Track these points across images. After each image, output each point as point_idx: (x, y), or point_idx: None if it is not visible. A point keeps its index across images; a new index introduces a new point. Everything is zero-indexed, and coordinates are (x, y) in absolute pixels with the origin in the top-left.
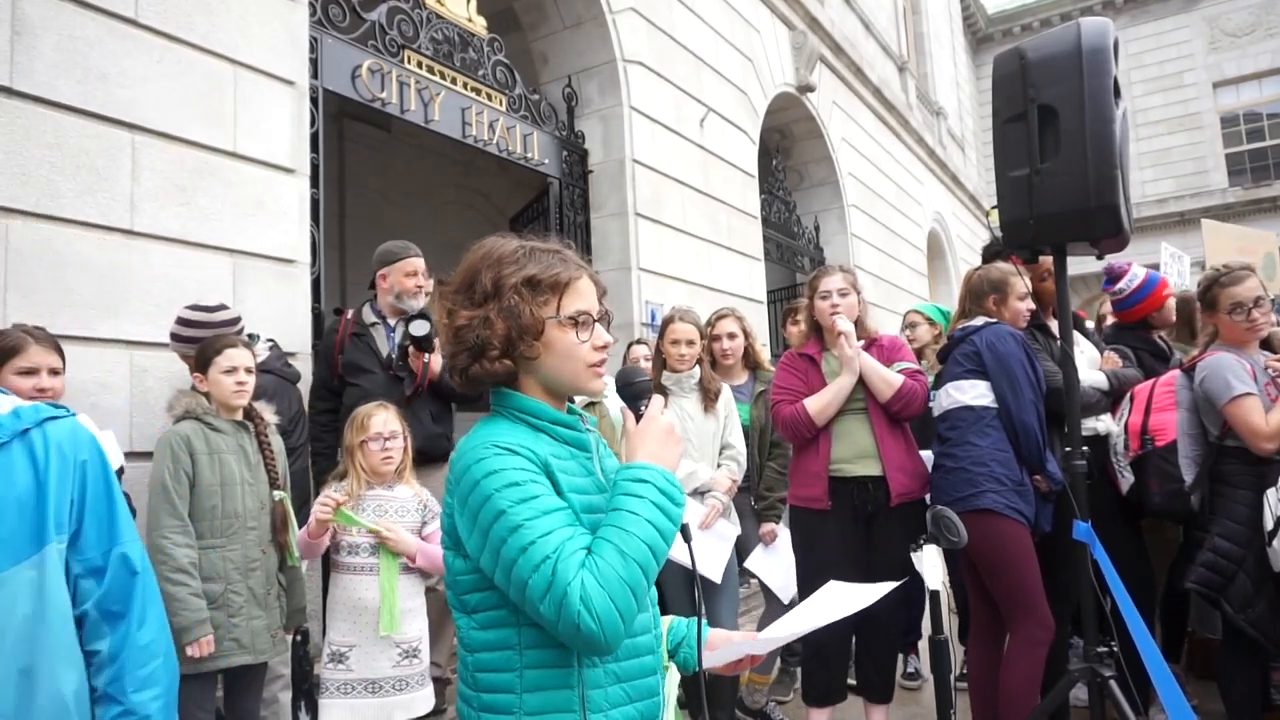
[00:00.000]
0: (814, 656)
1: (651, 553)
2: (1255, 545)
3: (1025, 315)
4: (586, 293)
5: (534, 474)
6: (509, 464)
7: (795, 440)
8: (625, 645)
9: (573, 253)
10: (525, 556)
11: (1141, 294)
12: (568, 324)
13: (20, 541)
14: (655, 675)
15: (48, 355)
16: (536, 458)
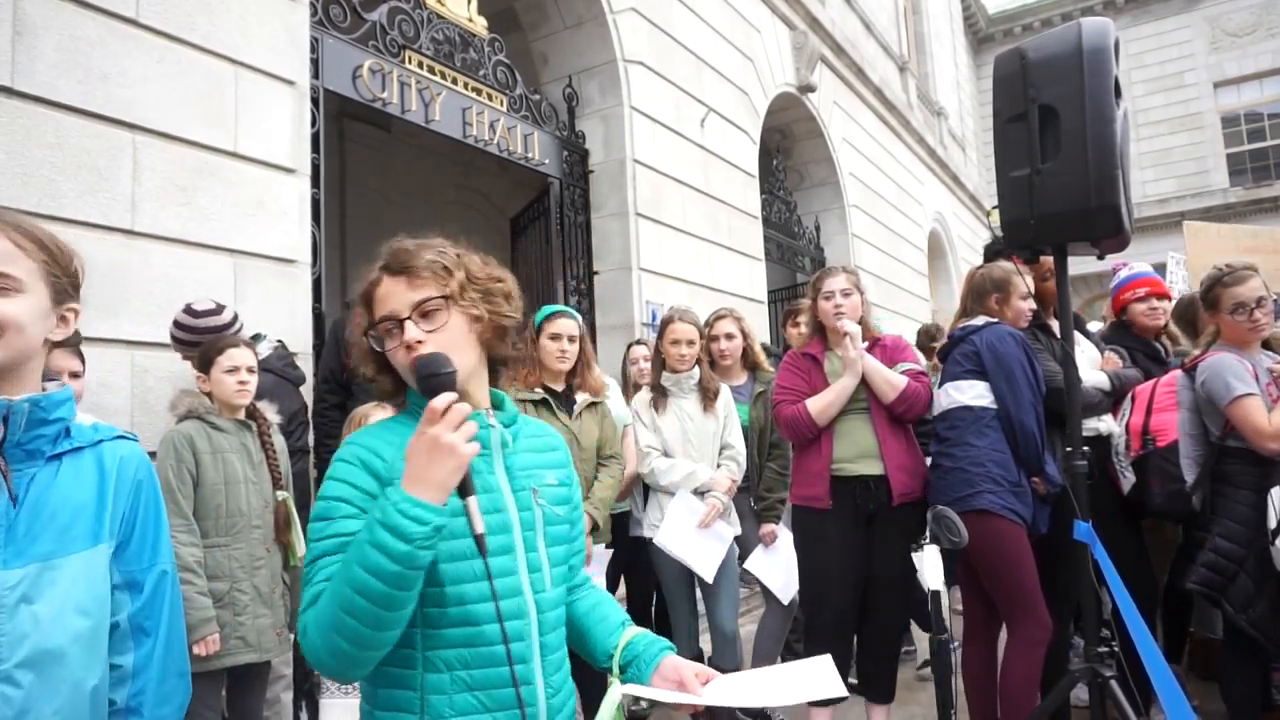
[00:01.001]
0: (815, 656)
1: (361, 595)
2: (1256, 545)
3: (1027, 315)
4: (387, 295)
5: (348, 496)
6: (331, 484)
7: (796, 440)
8: (480, 653)
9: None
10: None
11: (1115, 287)
12: (375, 337)
13: (78, 535)
14: (528, 686)
15: (69, 359)
16: (375, 467)
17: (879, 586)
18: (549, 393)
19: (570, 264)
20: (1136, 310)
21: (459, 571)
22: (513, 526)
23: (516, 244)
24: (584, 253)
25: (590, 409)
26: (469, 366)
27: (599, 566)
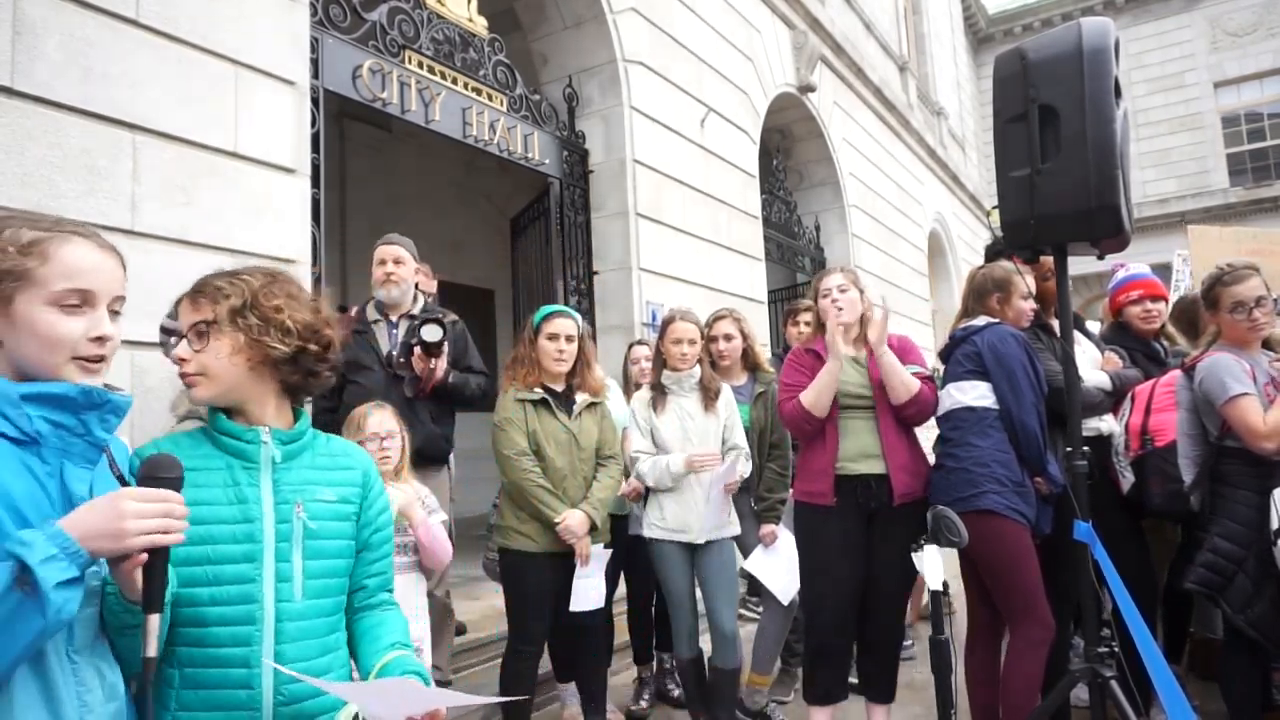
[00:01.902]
0: (816, 655)
1: None
2: (1255, 546)
3: (1029, 315)
4: (182, 313)
5: None
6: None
7: (799, 434)
8: (205, 653)
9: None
10: None
11: (1112, 288)
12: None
13: None
14: (248, 690)
15: None
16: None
17: (880, 586)
18: (548, 392)
19: (570, 264)
20: (1131, 313)
21: (191, 575)
22: (262, 536)
23: (516, 244)
24: (584, 253)
25: (590, 409)
26: (229, 384)
27: (599, 566)
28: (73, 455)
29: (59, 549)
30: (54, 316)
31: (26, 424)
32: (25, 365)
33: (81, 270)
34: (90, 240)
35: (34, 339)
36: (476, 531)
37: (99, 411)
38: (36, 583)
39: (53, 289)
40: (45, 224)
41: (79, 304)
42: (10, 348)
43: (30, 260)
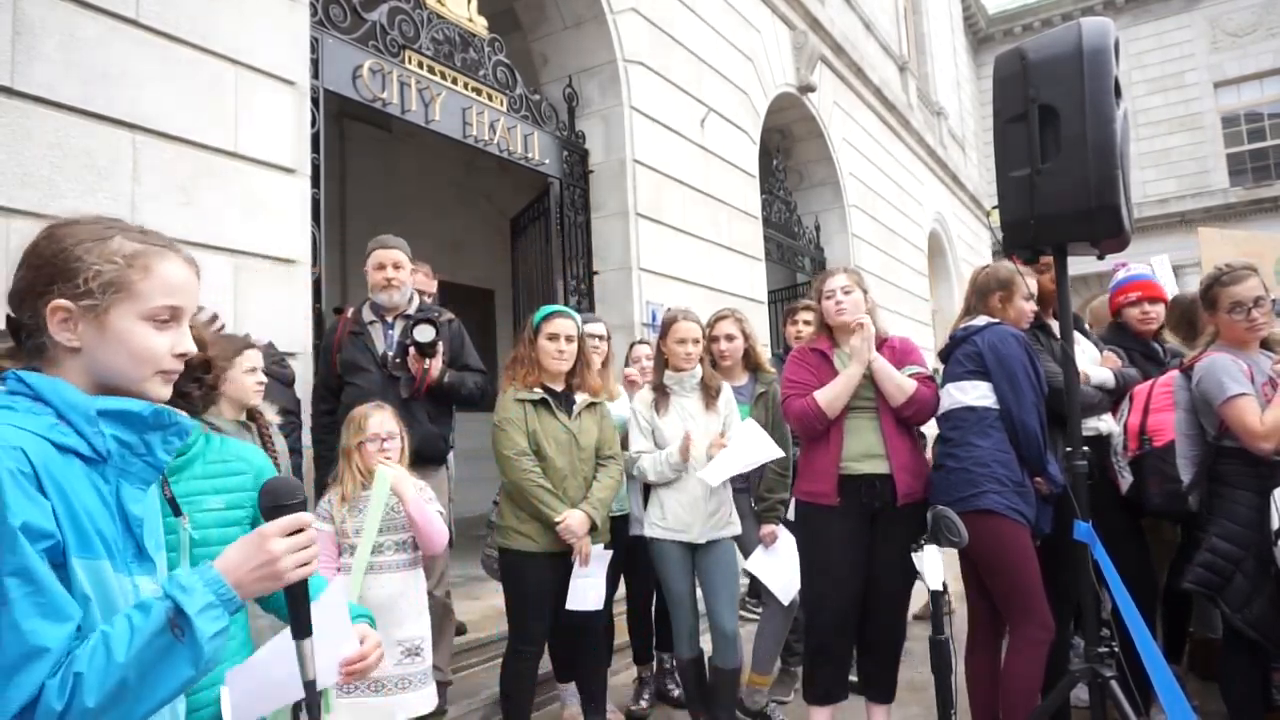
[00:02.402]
0: (816, 655)
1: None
2: (1254, 546)
3: (1029, 316)
4: None
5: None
6: None
7: (806, 434)
8: None
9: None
10: None
11: (1111, 289)
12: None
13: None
14: None
15: None
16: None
17: (881, 586)
18: (548, 392)
19: (570, 264)
20: (1129, 314)
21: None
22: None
23: (516, 244)
24: (584, 253)
25: (589, 409)
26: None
27: (599, 566)
28: (129, 475)
29: (216, 596)
30: (147, 331)
31: (100, 442)
32: (107, 376)
33: (177, 287)
34: (180, 256)
35: (125, 351)
36: (476, 531)
37: (164, 432)
38: (192, 630)
39: (150, 304)
40: (142, 236)
41: (169, 320)
42: (94, 357)
43: (134, 273)
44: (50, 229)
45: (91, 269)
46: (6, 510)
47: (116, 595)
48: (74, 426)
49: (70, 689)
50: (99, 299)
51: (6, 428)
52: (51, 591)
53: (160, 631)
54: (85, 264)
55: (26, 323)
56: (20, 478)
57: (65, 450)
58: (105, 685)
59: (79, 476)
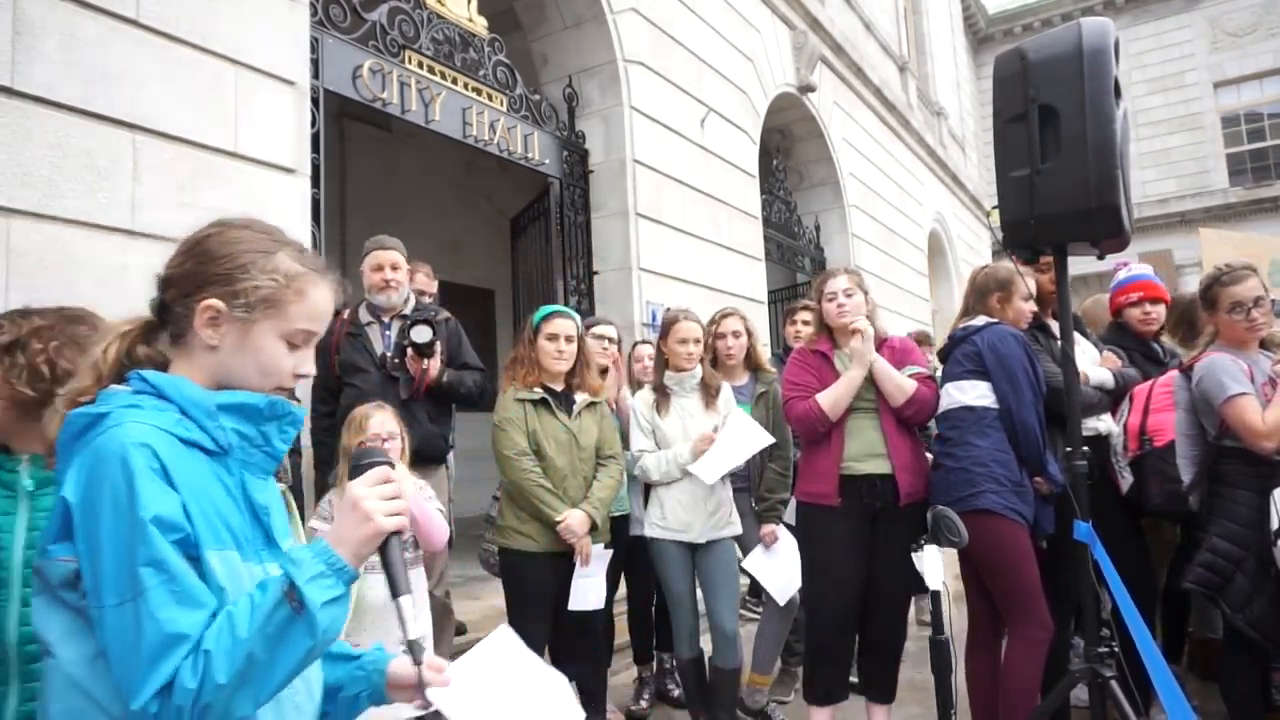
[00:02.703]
0: (817, 655)
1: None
2: (1254, 546)
3: (1028, 316)
4: None
5: None
6: None
7: (808, 436)
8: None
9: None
10: None
11: (1112, 288)
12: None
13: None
14: None
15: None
16: None
17: (882, 586)
18: (548, 392)
19: (570, 264)
20: (1130, 315)
21: None
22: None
23: (516, 244)
24: (584, 253)
25: (589, 409)
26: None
27: (599, 566)
28: (251, 465)
29: (326, 565)
30: (281, 350)
31: (221, 435)
32: (231, 380)
33: (321, 314)
34: (330, 282)
35: (255, 363)
36: (476, 531)
37: (279, 423)
38: (304, 601)
39: (293, 326)
40: (300, 257)
41: (300, 343)
42: (226, 360)
43: (289, 294)
44: (223, 229)
45: (254, 282)
46: (138, 504)
47: (248, 584)
48: (196, 421)
49: (202, 667)
50: (252, 312)
51: (135, 425)
52: (185, 580)
53: (278, 605)
54: (250, 275)
55: (176, 310)
56: (150, 473)
57: (190, 445)
58: (233, 661)
59: (204, 470)
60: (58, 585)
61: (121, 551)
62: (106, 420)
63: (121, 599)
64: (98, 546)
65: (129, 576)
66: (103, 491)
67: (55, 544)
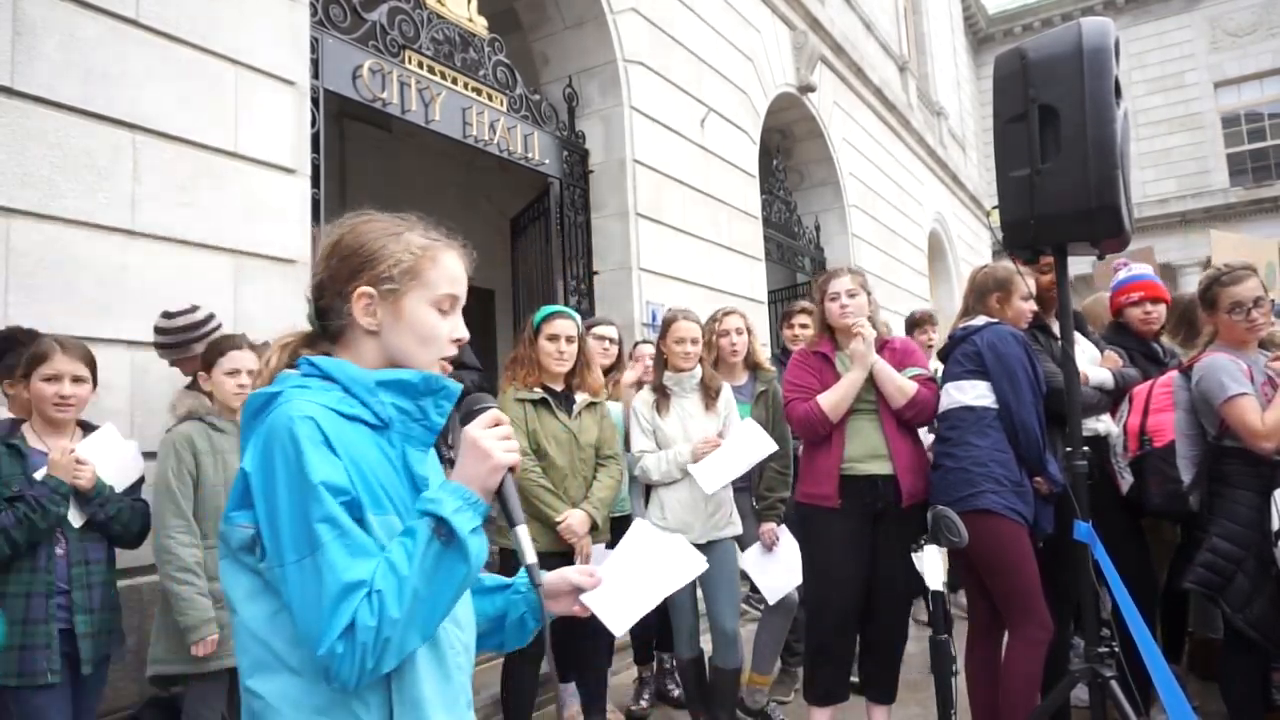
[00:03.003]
0: (817, 655)
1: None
2: (1255, 546)
3: (1027, 316)
4: None
5: None
6: None
7: (809, 437)
8: None
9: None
10: None
11: (1112, 288)
12: None
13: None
14: None
15: (71, 363)
16: None
17: (883, 587)
18: (548, 392)
19: (570, 264)
20: (1131, 315)
21: None
22: None
23: (516, 244)
24: (584, 253)
25: (589, 409)
26: None
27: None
28: (412, 439)
29: (462, 500)
30: (433, 316)
31: (382, 410)
32: (397, 356)
33: (457, 278)
34: (460, 251)
35: (414, 334)
36: None
37: (435, 397)
38: (453, 532)
39: (438, 291)
40: (426, 232)
41: (449, 309)
42: (388, 340)
43: (425, 263)
44: (353, 225)
45: (393, 257)
46: (308, 469)
47: None
48: (358, 398)
49: (377, 606)
50: (398, 284)
51: (301, 402)
52: (355, 534)
53: (430, 542)
54: (388, 252)
55: (333, 308)
56: (316, 442)
57: (353, 420)
58: (402, 597)
59: (367, 442)
60: (238, 549)
61: (297, 513)
62: (278, 399)
63: (300, 555)
64: (275, 511)
65: (306, 535)
66: (276, 461)
67: (236, 511)
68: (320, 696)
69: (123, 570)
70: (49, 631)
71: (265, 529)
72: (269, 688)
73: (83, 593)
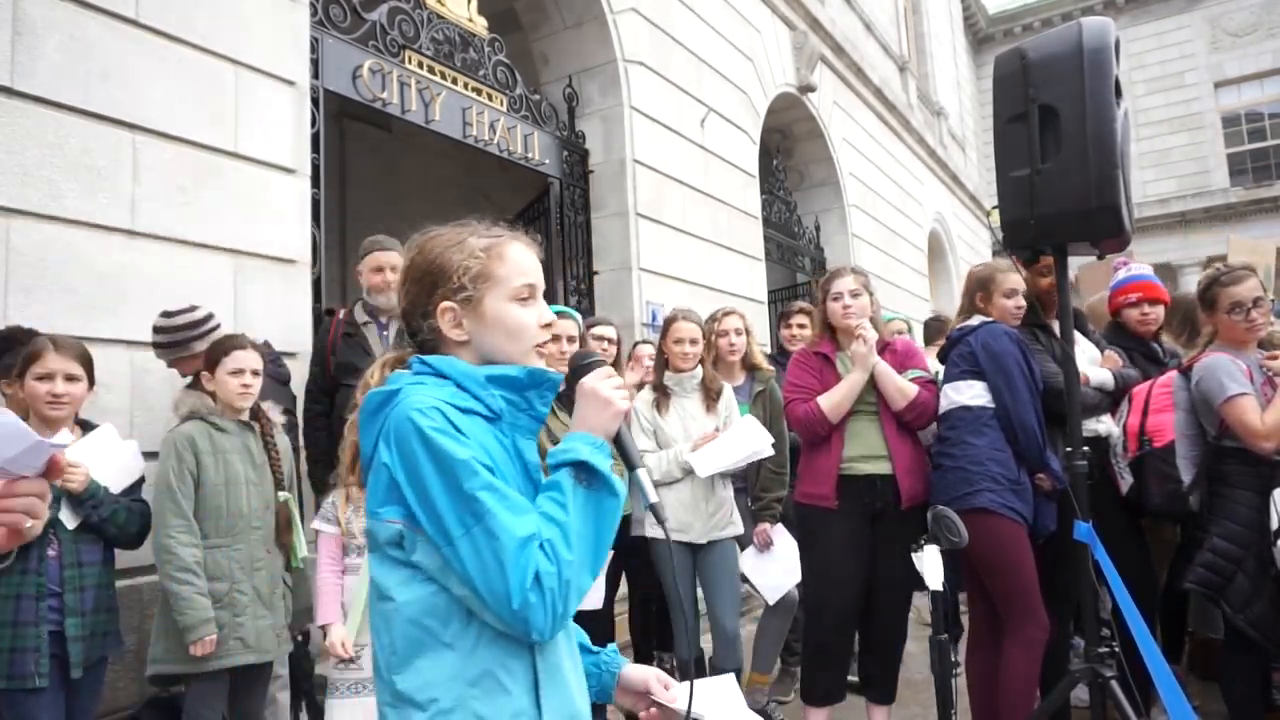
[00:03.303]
0: (815, 656)
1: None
2: (1255, 546)
3: (1012, 311)
4: None
5: None
6: None
7: (809, 438)
8: None
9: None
10: None
11: (1111, 288)
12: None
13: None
14: None
15: (65, 362)
16: None
17: (882, 587)
18: None
19: (570, 264)
20: (1129, 315)
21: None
22: None
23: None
24: (584, 253)
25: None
26: None
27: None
28: (520, 428)
29: (592, 445)
30: (516, 309)
31: (493, 403)
32: (493, 355)
33: (528, 268)
34: (524, 240)
35: (502, 331)
36: None
37: (539, 389)
38: (595, 471)
39: (512, 285)
40: (488, 231)
41: (528, 297)
42: (480, 344)
43: (492, 262)
44: (419, 245)
45: (461, 266)
46: (449, 450)
47: None
48: (470, 392)
49: (551, 552)
50: (472, 290)
51: (421, 395)
52: (511, 495)
53: (574, 487)
54: (455, 264)
55: (423, 329)
56: (447, 426)
57: (469, 413)
58: (569, 539)
59: (484, 431)
60: (385, 544)
61: (451, 491)
62: (398, 395)
63: (467, 528)
64: (428, 496)
65: (466, 507)
66: (415, 450)
67: (383, 507)
68: (473, 669)
69: (122, 570)
70: (38, 634)
71: (423, 515)
72: (426, 666)
73: (75, 595)
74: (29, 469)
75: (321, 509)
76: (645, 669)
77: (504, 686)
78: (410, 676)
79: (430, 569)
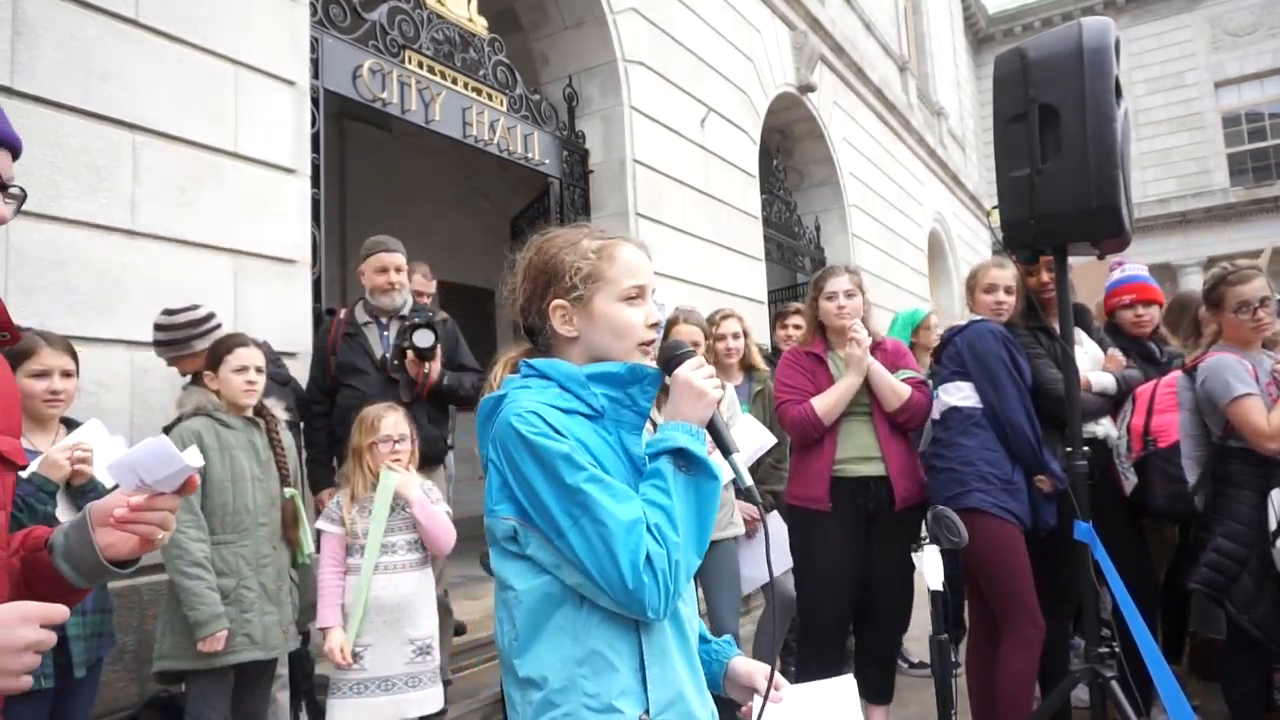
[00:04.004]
0: (811, 656)
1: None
2: (1259, 546)
3: (992, 307)
4: None
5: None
6: None
7: (802, 440)
8: None
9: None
10: None
11: (1107, 289)
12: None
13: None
14: None
15: (59, 358)
16: None
17: (878, 588)
18: None
19: None
20: (1123, 317)
21: None
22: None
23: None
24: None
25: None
26: None
27: None
28: (624, 424)
29: (689, 433)
30: (623, 309)
31: (595, 401)
32: (600, 353)
33: (638, 269)
34: (633, 243)
35: (610, 330)
36: (476, 531)
37: (641, 385)
38: (693, 456)
39: (621, 285)
40: (601, 234)
41: (636, 296)
42: (589, 341)
43: (603, 263)
44: (537, 245)
45: (573, 266)
46: (547, 448)
47: None
48: (573, 392)
49: (658, 535)
50: (583, 289)
51: (524, 399)
52: (614, 483)
53: (675, 473)
54: (568, 264)
55: (536, 325)
56: (545, 427)
57: (570, 413)
58: (674, 522)
59: (588, 430)
60: (501, 539)
61: (554, 486)
62: (506, 399)
63: (574, 519)
64: (535, 493)
65: (571, 500)
66: (518, 451)
67: (498, 505)
68: (582, 650)
69: None
70: None
71: (533, 511)
72: (543, 650)
73: None
74: (168, 487)
75: (326, 509)
76: (753, 664)
77: (612, 665)
78: (530, 660)
79: (543, 561)
